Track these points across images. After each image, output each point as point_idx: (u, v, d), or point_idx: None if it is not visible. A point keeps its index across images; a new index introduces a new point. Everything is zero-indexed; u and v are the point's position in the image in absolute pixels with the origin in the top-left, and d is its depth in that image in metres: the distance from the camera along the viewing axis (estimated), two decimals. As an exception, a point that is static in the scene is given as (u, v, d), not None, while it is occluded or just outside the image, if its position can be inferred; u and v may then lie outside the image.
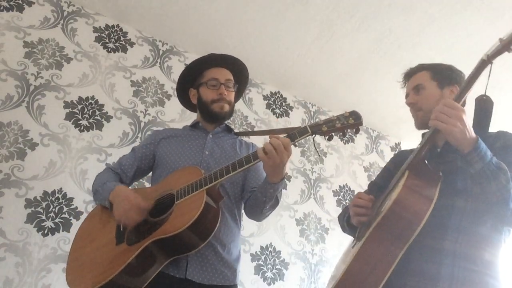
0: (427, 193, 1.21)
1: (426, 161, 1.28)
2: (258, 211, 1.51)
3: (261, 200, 1.44)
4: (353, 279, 1.20)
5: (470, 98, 1.27)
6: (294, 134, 1.32)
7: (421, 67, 1.59)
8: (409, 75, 1.60)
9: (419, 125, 1.51)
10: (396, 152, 1.76)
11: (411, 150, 1.66)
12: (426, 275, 1.21)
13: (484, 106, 1.23)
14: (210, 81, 1.66)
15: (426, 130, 1.55)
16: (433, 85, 1.51)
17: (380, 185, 1.64)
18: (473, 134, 1.18)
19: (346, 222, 1.54)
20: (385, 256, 1.19)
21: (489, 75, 1.16)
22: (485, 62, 1.15)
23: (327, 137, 1.34)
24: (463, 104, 1.24)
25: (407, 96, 1.58)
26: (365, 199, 1.38)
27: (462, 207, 1.27)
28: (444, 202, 1.22)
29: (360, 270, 1.20)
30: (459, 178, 1.30)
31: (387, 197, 1.32)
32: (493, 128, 1.34)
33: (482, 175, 1.16)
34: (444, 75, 1.53)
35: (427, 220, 1.16)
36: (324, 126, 1.31)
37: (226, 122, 1.75)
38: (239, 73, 1.76)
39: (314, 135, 1.32)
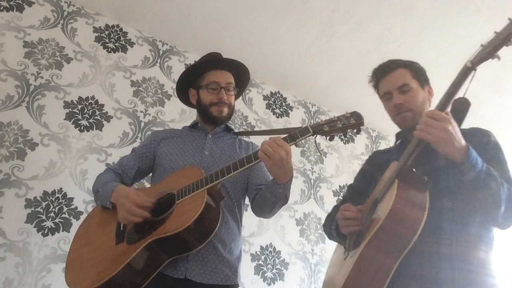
0: (419, 202, 1.21)
1: (413, 169, 1.27)
2: (267, 210, 1.51)
3: (271, 200, 1.44)
4: None
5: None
6: (296, 134, 1.32)
7: (397, 64, 1.54)
8: (385, 71, 1.54)
9: (408, 126, 1.46)
10: (370, 154, 1.75)
11: (386, 151, 1.67)
12: (426, 280, 1.21)
13: (460, 107, 1.23)
14: (211, 84, 1.65)
15: (399, 130, 1.56)
16: (416, 84, 1.49)
17: (359, 188, 1.64)
18: (463, 142, 1.17)
19: (335, 231, 1.51)
20: (381, 267, 1.19)
21: (471, 80, 1.16)
22: (469, 69, 1.15)
23: (328, 137, 1.35)
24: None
25: (387, 94, 1.52)
26: (354, 211, 1.36)
27: (450, 208, 1.28)
28: (432, 205, 1.21)
29: (358, 283, 1.21)
30: (441, 178, 1.31)
31: (378, 206, 1.31)
32: (493, 127, 1.34)
33: (474, 184, 1.16)
34: (421, 74, 1.52)
35: None
36: (325, 126, 1.31)
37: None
38: (240, 76, 1.76)
39: (315, 135, 1.33)
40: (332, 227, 1.54)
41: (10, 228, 2.16)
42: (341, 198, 1.73)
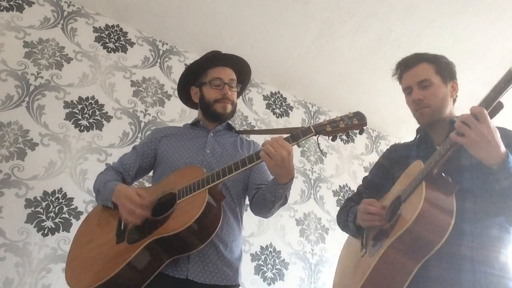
0: (447, 207, 1.18)
1: (442, 173, 1.24)
2: (266, 210, 1.51)
3: (270, 200, 1.44)
4: None
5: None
6: (298, 134, 1.31)
7: (421, 58, 1.50)
8: (408, 66, 1.51)
9: (426, 122, 1.45)
10: (388, 147, 1.69)
11: (406, 145, 1.62)
12: (447, 283, 1.19)
13: (494, 109, 1.17)
14: (214, 80, 1.65)
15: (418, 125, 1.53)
16: (438, 80, 1.45)
17: (376, 183, 1.61)
18: (502, 149, 1.12)
19: (353, 223, 1.48)
20: (402, 269, 1.18)
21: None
22: None
23: (331, 138, 1.34)
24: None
25: (408, 89, 1.49)
26: (378, 207, 1.34)
27: (471, 209, 1.25)
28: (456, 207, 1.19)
29: (377, 284, 1.20)
30: (465, 178, 1.28)
31: (402, 205, 1.28)
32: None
33: (509, 192, 1.14)
34: (446, 69, 1.48)
35: None
36: (328, 126, 1.31)
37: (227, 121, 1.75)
38: (242, 73, 1.75)
39: (318, 136, 1.32)
40: (349, 218, 1.51)
41: (10, 228, 2.16)
42: (356, 190, 1.69)
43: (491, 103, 1.12)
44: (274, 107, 3.39)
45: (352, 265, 1.41)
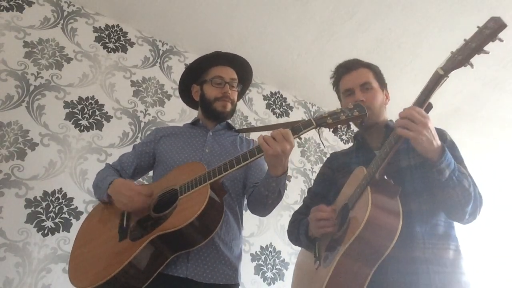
0: (394, 209, 1.19)
1: (385, 176, 1.26)
2: (261, 206, 1.50)
3: (264, 194, 1.43)
4: None
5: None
6: (299, 127, 1.31)
7: (361, 63, 1.56)
8: (349, 69, 1.55)
9: (365, 124, 1.46)
10: (328, 157, 1.72)
11: (345, 152, 1.65)
12: (405, 286, 1.21)
13: (425, 110, 1.21)
14: (215, 78, 1.66)
15: (357, 130, 1.58)
16: (377, 85, 1.51)
17: (321, 193, 1.61)
18: (439, 142, 1.18)
19: (304, 235, 1.47)
20: (357, 276, 1.18)
21: (440, 86, 1.15)
22: (442, 76, 1.14)
23: (332, 130, 1.34)
24: None
25: (348, 91, 1.52)
26: (327, 211, 1.34)
27: (418, 210, 1.29)
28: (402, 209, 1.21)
29: None
30: (406, 179, 1.32)
31: (350, 212, 1.29)
32: (493, 127, 1.33)
33: (449, 182, 1.17)
34: (381, 77, 1.55)
35: None
36: (329, 118, 1.30)
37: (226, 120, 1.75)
38: (244, 73, 1.76)
39: (318, 128, 1.32)
40: (301, 231, 1.50)
41: (10, 228, 2.16)
42: (302, 203, 1.69)
43: (423, 105, 1.17)
44: (274, 107, 3.39)
45: (307, 279, 1.40)
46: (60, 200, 2.33)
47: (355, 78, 1.52)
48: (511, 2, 2.38)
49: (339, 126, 1.32)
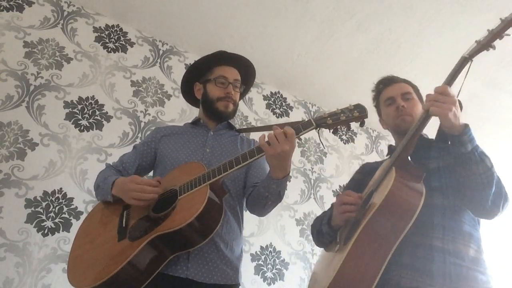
0: (417, 187, 1.24)
1: (409, 159, 1.31)
2: (260, 206, 1.50)
3: (264, 195, 1.43)
4: (348, 278, 1.19)
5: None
6: (299, 127, 1.31)
7: (401, 79, 1.66)
8: (392, 81, 1.65)
9: (406, 128, 1.47)
10: (361, 165, 1.79)
11: (376, 162, 1.70)
12: (419, 270, 1.23)
13: None
14: (219, 78, 1.66)
15: (392, 144, 1.66)
16: (417, 98, 1.60)
17: None
18: (462, 119, 1.23)
19: (327, 225, 1.48)
20: (379, 249, 1.19)
21: (466, 74, 1.24)
22: (466, 60, 1.24)
23: (331, 130, 1.34)
24: None
25: (389, 99, 1.60)
26: (354, 196, 1.36)
27: (440, 204, 1.31)
28: (424, 201, 1.24)
29: (355, 266, 1.20)
30: (433, 178, 1.34)
31: (373, 194, 1.32)
32: (493, 127, 1.35)
33: (472, 157, 1.21)
34: (420, 94, 1.63)
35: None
36: (329, 119, 1.31)
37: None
38: (247, 75, 1.77)
39: (318, 128, 1.32)
40: (323, 221, 1.51)
41: (10, 228, 2.16)
42: (330, 206, 1.71)
43: (451, 82, 1.25)
44: (274, 107, 3.39)
45: (327, 263, 1.41)
46: (60, 200, 2.33)
47: (396, 88, 1.61)
48: (511, 2, 2.38)
49: (339, 126, 1.32)
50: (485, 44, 1.23)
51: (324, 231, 1.49)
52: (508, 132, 3.47)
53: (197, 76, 1.74)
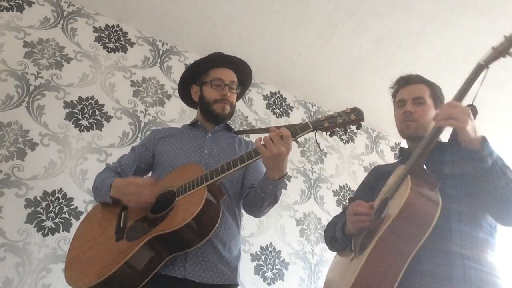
0: (433, 197, 1.22)
1: (424, 167, 1.30)
2: (256, 207, 1.50)
3: (260, 196, 1.44)
4: (366, 285, 1.19)
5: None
6: (296, 130, 1.32)
7: (420, 80, 1.60)
8: (408, 82, 1.59)
9: (409, 134, 1.52)
10: (372, 168, 1.77)
11: (388, 165, 1.69)
12: (438, 276, 1.21)
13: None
14: (215, 80, 1.66)
15: (403, 146, 1.61)
16: (431, 102, 1.54)
17: (363, 200, 1.59)
18: (479, 133, 1.22)
19: (341, 231, 1.48)
20: (396, 259, 1.18)
21: (482, 81, 1.25)
22: (482, 67, 1.23)
23: (328, 133, 1.34)
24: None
25: (401, 102, 1.57)
26: (366, 206, 1.35)
27: (458, 211, 1.30)
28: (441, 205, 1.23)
29: (372, 275, 1.19)
30: (448, 185, 1.33)
31: (388, 203, 1.31)
32: (493, 127, 1.35)
33: (493, 172, 1.20)
34: (439, 97, 1.57)
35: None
36: (326, 122, 1.31)
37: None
38: (243, 76, 1.76)
39: (315, 131, 1.33)
40: (337, 227, 1.51)
41: (10, 228, 2.16)
42: (342, 210, 1.72)
43: (464, 94, 1.26)
44: (274, 107, 3.39)
45: (342, 271, 1.40)
46: (60, 200, 2.34)
47: (410, 91, 1.56)
48: (511, 2, 2.38)
49: (335, 129, 1.33)
50: (502, 51, 1.22)
51: (338, 237, 1.50)
52: (508, 132, 3.47)
53: (194, 78, 1.75)
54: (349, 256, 1.38)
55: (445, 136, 1.43)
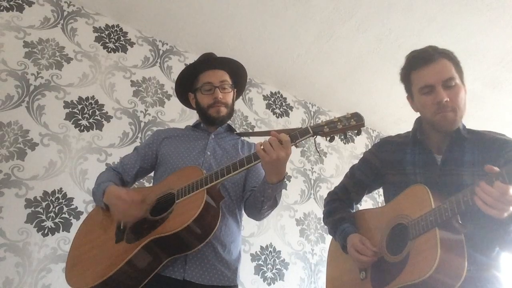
0: (460, 250, 1.14)
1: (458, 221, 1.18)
2: (256, 211, 1.50)
3: (259, 200, 1.44)
4: None
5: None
6: (296, 135, 1.32)
7: (439, 53, 1.32)
8: (427, 60, 1.31)
9: (447, 128, 1.30)
10: (378, 143, 1.54)
11: (398, 143, 1.47)
12: None
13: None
14: (204, 85, 1.65)
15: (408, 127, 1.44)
16: (459, 80, 1.31)
17: (366, 183, 1.57)
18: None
19: (342, 244, 1.44)
20: None
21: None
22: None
23: (328, 138, 1.34)
24: None
25: (427, 87, 1.30)
26: (369, 252, 1.29)
27: (470, 233, 1.17)
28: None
29: None
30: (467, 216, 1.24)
31: (409, 244, 1.21)
32: (492, 127, 1.33)
33: None
34: (460, 68, 1.33)
35: None
36: (325, 127, 1.31)
37: (227, 122, 1.75)
38: (235, 72, 1.74)
39: (315, 136, 1.32)
40: (337, 235, 1.46)
41: (10, 228, 2.16)
42: (342, 185, 1.64)
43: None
44: (274, 107, 3.39)
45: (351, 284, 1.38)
46: (60, 200, 2.34)
47: (436, 72, 1.28)
48: (511, 2, 2.38)
49: (335, 135, 1.33)
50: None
51: (338, 239, 1.48)
52: (508, 132, 3.46)
53: (188, 86, 1.74)
54: (360, 273, 1.36)
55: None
